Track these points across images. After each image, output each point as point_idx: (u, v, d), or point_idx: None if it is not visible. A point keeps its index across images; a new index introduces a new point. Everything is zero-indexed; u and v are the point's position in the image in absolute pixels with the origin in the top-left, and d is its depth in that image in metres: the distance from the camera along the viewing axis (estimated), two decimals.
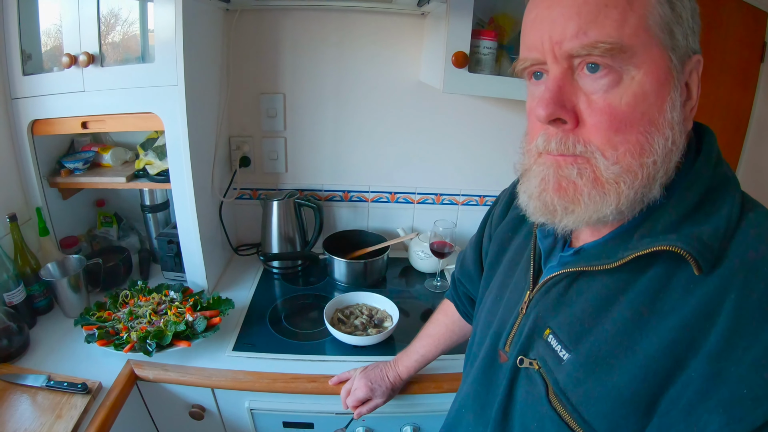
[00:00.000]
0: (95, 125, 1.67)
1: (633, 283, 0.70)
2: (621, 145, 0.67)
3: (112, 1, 1.58)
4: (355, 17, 1.96)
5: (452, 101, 2.08)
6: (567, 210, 0.72)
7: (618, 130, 0.66)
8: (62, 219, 1.91)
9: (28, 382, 1.34)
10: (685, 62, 0.69)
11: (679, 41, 0.67)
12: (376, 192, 2.27)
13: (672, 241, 0.65)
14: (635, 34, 0.64)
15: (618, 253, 0.71)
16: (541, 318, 0.82)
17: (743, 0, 2.13)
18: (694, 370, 0.61)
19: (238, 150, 2.14)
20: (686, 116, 0.70)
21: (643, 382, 0.65)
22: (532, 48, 0.72)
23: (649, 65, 0.66)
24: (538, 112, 0.69)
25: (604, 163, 0.68)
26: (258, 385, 1.46)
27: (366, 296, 1.81)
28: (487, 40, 1.53)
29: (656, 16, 0.65)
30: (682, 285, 0.66)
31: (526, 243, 0.97)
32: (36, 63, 1.69)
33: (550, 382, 0.77)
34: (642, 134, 0.66)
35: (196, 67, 1.63)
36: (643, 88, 0.66)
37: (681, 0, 0.67)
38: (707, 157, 0.72)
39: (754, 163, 2.40)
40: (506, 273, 1.01)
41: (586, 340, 0.73)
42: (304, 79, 2.06)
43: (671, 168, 0.69)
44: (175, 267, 1.91)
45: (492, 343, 0.94)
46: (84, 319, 1.58)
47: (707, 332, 0.61)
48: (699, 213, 0.68)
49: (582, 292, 0.77)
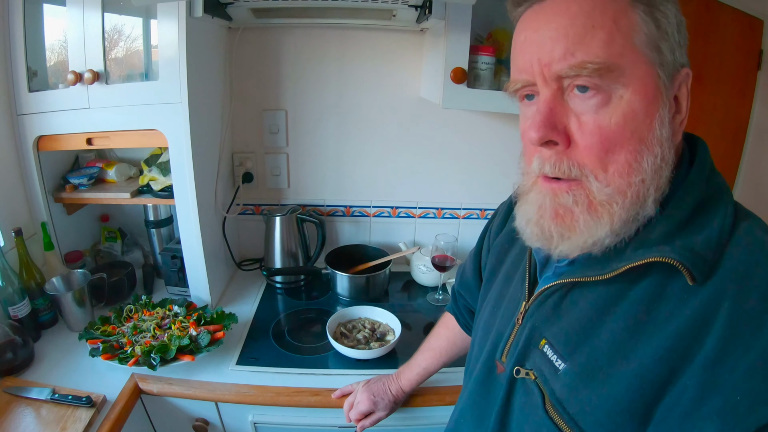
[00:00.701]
0: (100, 141, 1.69)
1: (627, 293, 0.71)
2: (611, 165, 0.68)
3: (116, 18, 1.61)
4: (356, 34, 1.99)
5: (452, 116, 2.09)
6: (563, 237, 0.74)
7: (608, 150, 0.68)
8: (67, 234, 1.92)
9: (32, 395, 1.35)
10: (673, 77, 0.70)
11: (666, 57, 0.68)
12: (377, 207, 2.28)
13: (665, 253, 0.66)
14: (622, 54, 0.66)
15: (612, 264, 0.71)
16: (537, 328, 0.83)
17: (739, 9, 2.15)
18: (689, 378, 0.61)
19: (240, 166, 2.16)
20: (675, 130, 0.71)
21: (638, 391, 0.65)
22: (522, 70, 0.74)
23: (637, 83, 0.67)
24: (531, 135, 0.70)
25: (597, 186, 0.69)
26: (261, 398, 1.47)
27: (368, 310, 1.81)
28: (485, 56, 1.55)
29: (642, 34, 0.66)
30: (677, 294, 0.66)
31: (523, 254, 0.98)
32: (41, 80, 1.72)
33: (546, 392, 0.77)
34: (631, 153, 0.68)
35: (200, 84, 1.65)
36: (632, 107, 0.67)
37: (666, 16, 0.68)
38: (700, 168, 0.73)
39: (753, 171, 2.41)
40: (503, 284, 1.02)
41: (582, 350, 0.73)
42: (306, 95, 2.08)
43: (663, 183, 0.70)
44: (179, 282, 1.92)
45: (489, 353, 0.94)
46: (88, 333, 1.59)
47: (702, 341, 0.62)
48: (692, 224, 0.69)
49: (577, 302, 0.77)
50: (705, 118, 2.27)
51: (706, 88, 2.17)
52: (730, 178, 2.45)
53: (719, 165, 0.75)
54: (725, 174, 0.76)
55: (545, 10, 0.70)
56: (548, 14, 0.69)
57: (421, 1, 1.53)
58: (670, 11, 0.68)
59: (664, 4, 0.68)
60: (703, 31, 2.03)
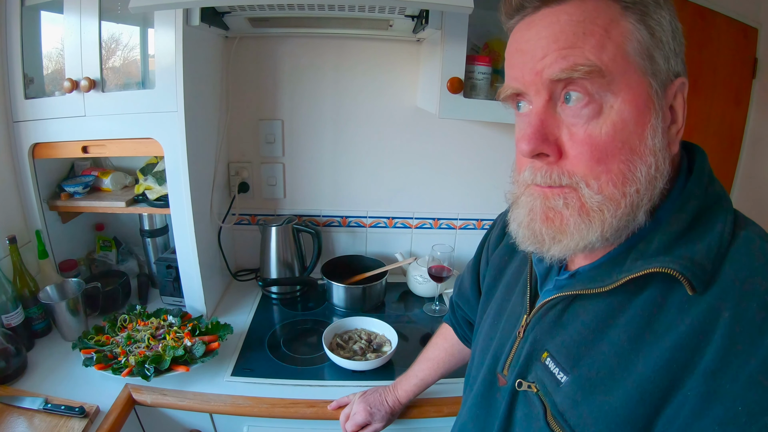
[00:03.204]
0: (95, 150, 1.68)
1: (628, 304, 0.71)
2: (603, 174, 0.68)
3: (113, 26, 1.61)
4: (352, 44, 1.99)
5: (449, 126, 2.10)
6: (554, 239, 0.73)
7: (599, 160, 0.68)
8: (61, 242, 1.92)
9: (25, 404, 1.33)
10: (667, 86, 0.70)
11: (659, 65, 0.68)
12: (374, 217, 2.28)
13: (665, 263, 0.65)
14: (613, 60, 0.66)
15: (612, 276, 0.71)
16: (539, 341, 0.83)
17: (733, 17, 2.16)
18: (690, 389, 0.61)
19: (236, 176, 2.15)
20: (671, 140, 0.71)
21: (639, 403, 0.65)
22: (514, 79, 0.74)
23: (628, 92, 0.67)
24: (522, 147, 0.71)
25: (588, 192, 0.69)
26: (257, 410, 1.45)
27: (365, 321, 1.80)
28: (481, 66, 1.55)
29: (634, 42, 0.66)
30: (677, 305, 0.66)
31: (523, 267, 0.98)
32: (38, 87, 1.72)
33: (548, 405, 0.77)
34: (623, 163, 0.67)
35: (196, 93, 1.65)
36: (622, 117, 0.67)
37: (660, 23, 0.68)
38: (699, 177, 0.73)
39: (749, 179, 2.41)
40: (503, 297, 1.02)
41: (584, 362, 0.73)
42: (303, 105, 2.08)
43: (656, 194, 0.70)
44: (174, 292, 1.91)
45: (490, 366, 0.94)
46: (82, 342, 1.58)
47: (702, 351, 0.61)
48: (691, 233, 0.69)
49: (578, 315, 0.77)
50: (700, 126, 2.27)
51: (701, 96, 2.18)
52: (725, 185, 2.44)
53: (715, 173, 0.75)
54: (721, 182, 0.76)
55: (536, 22, 0.70)
56: (539, 25, 0.70)
57: (417, 11, 1.54)
58: (664, 18, 0.68)
59: (658, 12, 0.68)
60: (697, 39, 2.04)
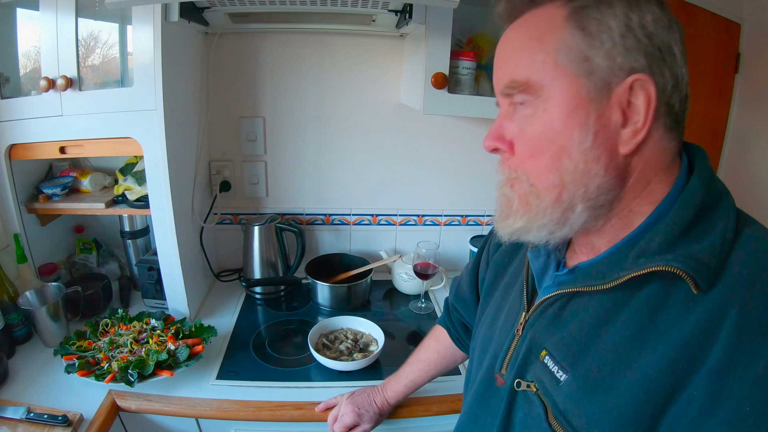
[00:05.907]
0: (73, 150, 1.64)
1: (629, 301, 0.70)
2: (534, 169, 0.75)
3: (91, 23, 1.57)
4: (335, 39, 1.97)
5: (433, 122, 2.09)
6: (504, 216, 0.81)
7: (531, 156, 0.75)
8: (41, 245, 1.87)
9: (7, 414, 1.30)
10: (611, 85, 0.68)
11: (598, 65, 0.68)
12: (357, 215, 2.27)
13: (668, 261, 0.65)
14: (542, 69, 0.71)
15: (613, 273, 0.71)
16: (537, 339, 0.82)
17: (716, 12, 2.16)
18: (696, 388, 0.61)
19: (218, 174, 2.13)
20: (623, 140, 0.70)
21: (644, 402, 0.64)
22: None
23: (558, 95, 0.71)
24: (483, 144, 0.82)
25: (525, 184, 0.77)
26: (243, 414, 1.44)
27: (350, 320, 1.79)
28: (465, 61, 1.54)
29: (565, 48, 0.70)
30: (681, 303, 0.65)
31: (522, 266, 0.98)
32: (14, 86, 1.68)
33: (549, 405, 0.77)
34: (550, 158, 0.73)
35: (175, 91, 1.62)
36: (551, 117, 0.72)
37: (603, 22, 0.67)
38: (700, 175, 0.73)
39: (732, 174, 2.42)
40: (502, 297, 1.02)
41: (583, 360, 0.73)
42: (285, 102, 2.06)
43: (592, 193, 0.72)
44: (156, 294, 1.88)
45: (488, 366, 0.94)
46: (64, 348, 1.55)
47: (708, 349, 0.61)
48: (694, 231, 0.69)
49: (577, 312, 0.77)
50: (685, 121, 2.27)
51: None
52: None
53: None
54: None
55: (504, 37, 0.80)
56: (502, 42, 0.79)
57: (401, 6, 1.52)
58: (610, 16, 0.68)
59: (603, 11, 0.68)
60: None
